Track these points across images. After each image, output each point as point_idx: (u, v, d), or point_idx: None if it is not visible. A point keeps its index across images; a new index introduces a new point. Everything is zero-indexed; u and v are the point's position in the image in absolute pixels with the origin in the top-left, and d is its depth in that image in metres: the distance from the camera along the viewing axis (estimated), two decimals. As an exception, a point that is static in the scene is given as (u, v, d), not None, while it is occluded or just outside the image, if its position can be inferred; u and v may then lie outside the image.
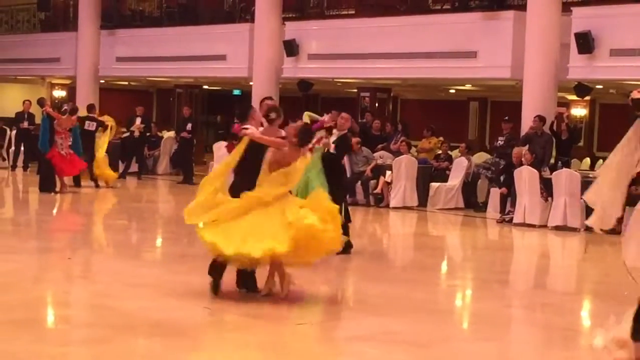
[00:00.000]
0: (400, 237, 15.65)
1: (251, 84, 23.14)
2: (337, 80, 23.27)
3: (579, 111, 23.71)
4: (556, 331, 8.33)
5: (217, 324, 8.01)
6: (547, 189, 15.69)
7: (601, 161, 19.25)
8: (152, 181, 22.80)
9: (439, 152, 19.33)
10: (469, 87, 24.00)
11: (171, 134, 24.57)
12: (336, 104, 22.91)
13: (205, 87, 28.87)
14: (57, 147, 18.02)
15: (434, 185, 18.24)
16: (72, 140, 18.50)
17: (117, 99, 29.21)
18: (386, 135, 20.41)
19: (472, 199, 18.21)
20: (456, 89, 25.15)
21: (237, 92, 30.12)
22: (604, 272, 11.64)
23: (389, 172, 18.02)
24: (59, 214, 16.69)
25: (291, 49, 22.06)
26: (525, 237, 15.22)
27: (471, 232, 16.03)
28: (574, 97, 20.79)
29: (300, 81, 22.59)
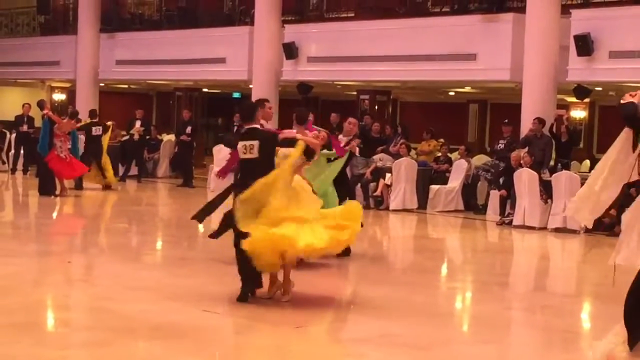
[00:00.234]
0: (400, 240, 15.64)
1: (251, 86, 23.14)
2: (337, 82, 23.28)
3: (579, 113, 23.71)
4: (556, 333, 8.34)
5: (217, 327, 8.00)
6: (546, 191, 15.69)
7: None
8: (152, 184, 22.79)
9: (439, 154, 19.33)
10: (468, 89, 24.00)
11: (171, 137, 24.55)
12: (336, 107, 23.05)
13: (205, 90, 28.88)
14: (56, 150, 18.02)
15: (434, 187, 18.25)
16: (70, 143, 18.53)
17: (117, 102, 29.22)
18: (386, 137, 20.41)
19: (472, 201, 18.22)
20: (456, 92, 25.16)
21: (236, 94, 30.12)
22: (604, 274, 11.56)
23: (388, 175, 18.02)
24: (59, 217, 16.68)
25: (291, 51, 22.08)
26: (525, 240, 15.22)
27: (471, 235, 16.03)
28: (574, 99, 20.80)
29: (299, 84, 22.60)
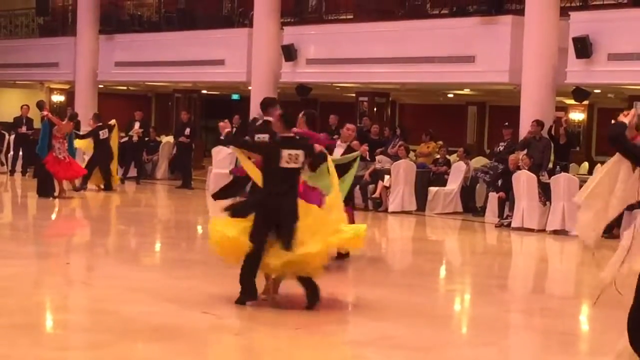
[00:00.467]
0: (398, 242, 15.64)
1: (250, 88, 23.14)
2: (336, 84, 23.27)
3: (577, 115, 23.72)
4: (555, 336, 8.35)
5: (216, 328, 8.00)
6: (545, 193, 15.69)
7: (599, 165, 19.27)
8: (151, 186, 22.79)
9: (438, 156, 19.33)
10: (467, 91, 24.01)
11: (170, 138, 24.55)
12: (334, 109, 23.05)
13: (203, 91, 28.88)
14: (54, 151, 18.00)
15: (433, 189, 18.25)
16: (67, 144, 18.52)
17: (116, 103, 29.20)
18: (385, 139, 20.42)
19: (471, 203, 18.22)
20: (454, 94, 25.16)
21: (235, 96, 30.12)
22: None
23: (387, 177, 18.03)
24: (58, 218, 16.68)
25: (289, 53, 22.08)
26: (523, 242, 15.22)
27: (469, 237, 16.03)
28: (572, 102, 20.81)
29: (298, 86, 22.60)
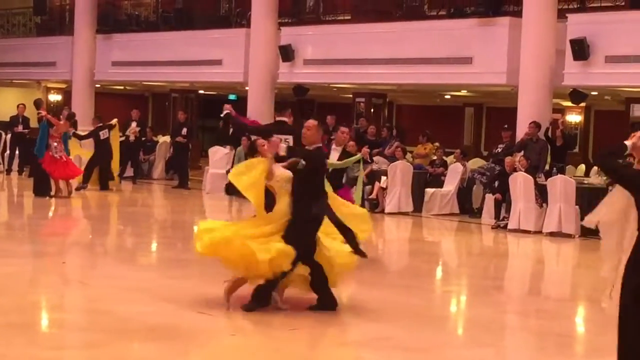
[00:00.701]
0: (395, 243, 15.64)
1: (247, 89, 23.13)
2: (333, 85, 23.26)
3: (574, 117, 23.73)
4: (551, 337, 8.35)
5: (212, 328, 7.99)
6: (542, 195, 15.70)
7: (596, 168, 19.25)
8: (148, 185, 22.77)
9: (434, 157, 19.32)
10: (464, 92, 24.02)
11: (167, 138, 24.52)
12: (332, 109, 23.05)
13: (200, 91, 28.86)
14: (50, 150, 17.98)
15: (429, 191, 18.25)
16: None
17: (113, 103, 29.16)
18: (382, 140, 20.42)
19: (467, 204, 18.22)
20: (452, 95, 25.16)
21: (232, 97, 30.10)
22: (599, 278, 11.62)
23: (384, 178, 18.02)
24: (54, 218, 16.67)
25: (287, 54, 22.06)
26: (520, 243, 15.23)
27: (466, 238, 16.04)
28: (569, 104, 20.82)
29: (295, 86, 22.59)
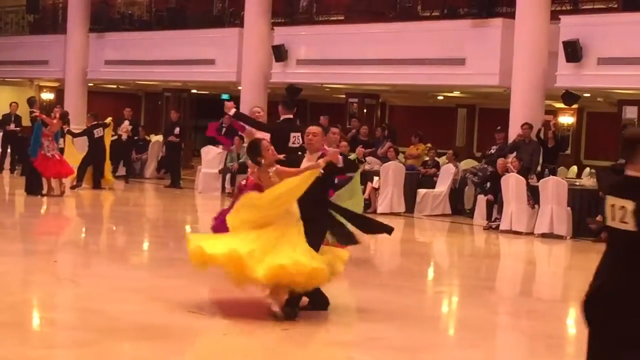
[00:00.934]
0: (387, 244, 15.60)
1: (240, 88, 23.12)
2: (326, 85, 23.26)
3: (567, 119, 23.78)
4: (542, 339, 8.36)
5: (203, 328, 7.98)
6: (533, 196, 15.72)
7: (588, 169, 19.31)
8: (140, 185, 22.73)
9: (427, 158, 19.33)
10: (457, 93, 24.04)
11: (159, 137, 24.49)
12: (324, 110, 23.05)
13: (193, 91, 28.82)
14: (42, 149, 17.93)
15: (421, 191, 18.26)
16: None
17: (105, 102, 29.15)
18: (374, 141, 20.42)
19: (459, 205, 18.24)
20: (444, 96, 25.19)
21: (225, 96, 30.08)
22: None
23: (376, 178, 18.03)
24: (46, 216, 16.63)
25: (280, 54, 22.06)
26: (511, 244, 15.25)
27: (458, 239, 16.05)
28: (562, 105, 20.86)
29: (287, 85, 22.58)
